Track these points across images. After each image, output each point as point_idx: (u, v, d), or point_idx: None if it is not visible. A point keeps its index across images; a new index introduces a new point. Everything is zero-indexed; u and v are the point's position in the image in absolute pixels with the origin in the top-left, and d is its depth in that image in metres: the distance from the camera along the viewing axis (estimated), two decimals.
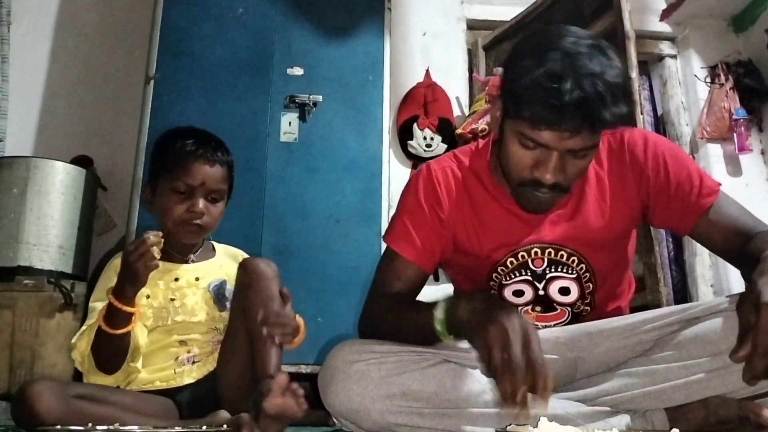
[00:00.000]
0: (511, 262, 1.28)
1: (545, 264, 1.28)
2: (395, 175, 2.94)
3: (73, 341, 1.33)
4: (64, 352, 2.24)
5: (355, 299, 2.52)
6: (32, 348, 2.21)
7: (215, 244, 1.59)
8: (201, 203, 1.41)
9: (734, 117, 2.92)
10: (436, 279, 2.94)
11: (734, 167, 3.02)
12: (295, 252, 2.51)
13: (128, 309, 1.26)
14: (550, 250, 1.27)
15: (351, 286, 2.51)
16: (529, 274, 1.28)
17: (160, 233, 1.27)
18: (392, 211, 2.93)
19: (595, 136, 1.11)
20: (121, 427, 1.12)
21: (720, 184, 1.24)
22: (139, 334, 1.33)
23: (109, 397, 1.26)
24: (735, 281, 2.77)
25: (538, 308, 1.30)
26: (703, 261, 2.99)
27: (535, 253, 1.27)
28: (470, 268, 1.33)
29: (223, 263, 1.52)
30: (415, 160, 3.08)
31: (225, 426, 1.17)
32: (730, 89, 2.96)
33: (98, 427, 1.07)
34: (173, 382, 1.39)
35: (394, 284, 1.28)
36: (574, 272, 1.28)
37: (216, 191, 1.44)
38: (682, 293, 3.06)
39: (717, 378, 1.08)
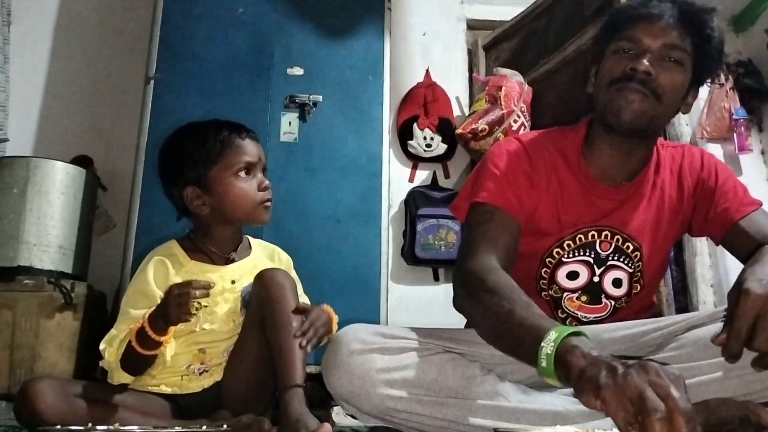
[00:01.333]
0: (580, 239, 1.29)
1: (611, 249, 1.30)
2: (395, 175, 2.95)
3: (101, 347, 1.32)
4: (64, 351, 2.25)
5: (355, 299, 2.52)
6: (32, 348, 2.21)
7: (251, 239, 1.57)
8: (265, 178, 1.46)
9: (734, 117, 2.91)
10: (436, 279, 2.94)
11: (734, 167, 3.01)
12: (295, 252, 2.49)
13: (161, 338, 1.26)
14: (618, 237, 1.30)
15: (351, 286, 2.51)
16: (592, 255, 1.30)
17: (211, 284, 1.26)
18: (393, 211, 2.96)
19: (684, 40, 1.19)
20: (121, 427, 1.12)
21: (761, 203, 1.27)
22: (168, 351, 1.31)
23: (111, 396, 1.26)
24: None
25: (584, 297, 1.32)
26: (703, 261, 2.98)
27: (605, 235, 1.29)
28: (530, 246, 1.29)
29: (257, 263, 1.49)
30: (415, 160, 3.08)
31: (225, 426, 1.17)
32: (730, 89, 2.95)
33: (98, 427, 1.07)
34: (178, 389, 1.38)
35: (500, 237, 1.19)
36: (632, 267, 1.31)
37: (265, 165, 1.48)
38: (683, 293, 3.06)
39: (718, 382, 1.07)
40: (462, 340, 1.17)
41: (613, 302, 1.32)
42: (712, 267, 2.97)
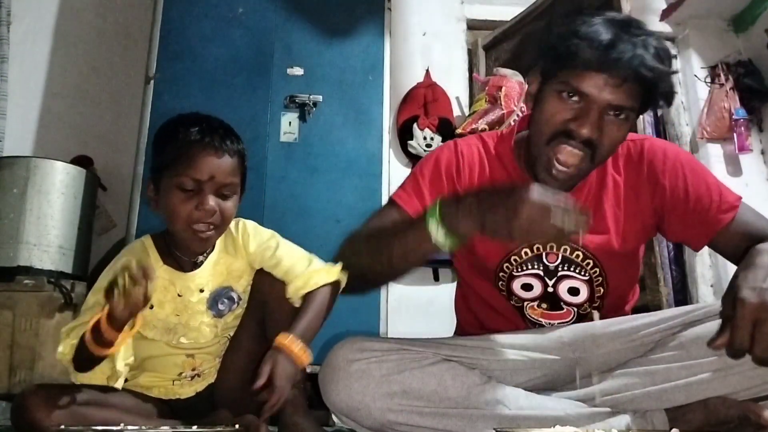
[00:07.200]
0: (525, 253, 1.27)
1: (558, 260, 1.27)
2: (395, 175, 2.94)
3: (62, 331, 1.23)
4: None
5: (356, 299, 2.52)
6: (32, 348, 2.20)
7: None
8: (211, 200, 1.24)
9: (734, 117, 2.91)
10: (436, 279, 2.94)
11: (734, 167, 3.01)
12: None
13: (112, 337, 1.11)
14: (565, 246, 1.26)
15: None
16: (541, 268, 1.27)
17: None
18: None
19: (634, 97, 1.11)
20: (116, 427, 1.09)
21: (740, 198, 1.21)
22: (120, 359, 1.19)
23: (110, 399, 1.23)
24: None
25: (544, 305, 1.30)
26: (703, 261, 2.98)
27: (551, 246, 1.26)
28: (480, 256, 1.30)
29: (220, 259, 1.38)
30: (415, 160, 3.07)
31: (225, 426, 1.16)
32: (730, 89, 2.95)
33: (96, 428, 1.06)
34: (171, 395, 1.35)
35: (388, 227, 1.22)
36: (587, 274, 1.27)
37: (227, 185, 1.28)
38: (682, 293, 3.05)
39: (718, 379, 1.08)
40: (459, 346, 1.17)
41: (575, 309, 1.29)
42: (712, 267, 2.97)
